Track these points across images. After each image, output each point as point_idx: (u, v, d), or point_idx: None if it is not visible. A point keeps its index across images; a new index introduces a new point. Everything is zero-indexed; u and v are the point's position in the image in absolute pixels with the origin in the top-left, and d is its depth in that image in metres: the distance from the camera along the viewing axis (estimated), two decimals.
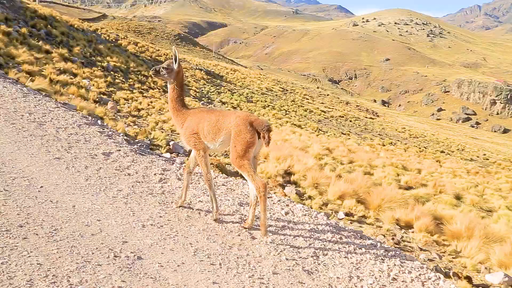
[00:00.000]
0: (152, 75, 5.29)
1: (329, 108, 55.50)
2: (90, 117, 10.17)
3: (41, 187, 5.29)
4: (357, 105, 72.96)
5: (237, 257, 4.40)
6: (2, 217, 4.39)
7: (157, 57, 45.55)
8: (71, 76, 20.94)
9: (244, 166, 4.89)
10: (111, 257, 4.01)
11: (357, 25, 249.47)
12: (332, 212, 9.91)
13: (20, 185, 5.23)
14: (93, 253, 4.01)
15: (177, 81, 5.26)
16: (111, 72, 28.78)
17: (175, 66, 5.21)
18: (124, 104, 21.58)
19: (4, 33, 21.86)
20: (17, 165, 5.83)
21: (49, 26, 30.61)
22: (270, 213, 5.72)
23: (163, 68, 5.20)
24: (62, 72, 20.85)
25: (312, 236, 5.26)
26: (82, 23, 44.73)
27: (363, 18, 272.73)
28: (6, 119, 7.76)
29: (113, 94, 23.02)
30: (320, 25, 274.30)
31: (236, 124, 4.92)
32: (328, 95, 74.38)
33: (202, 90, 38.84)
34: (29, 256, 3.79)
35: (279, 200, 6.24)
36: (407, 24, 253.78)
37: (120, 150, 7.22)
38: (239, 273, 4.11)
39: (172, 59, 5.26)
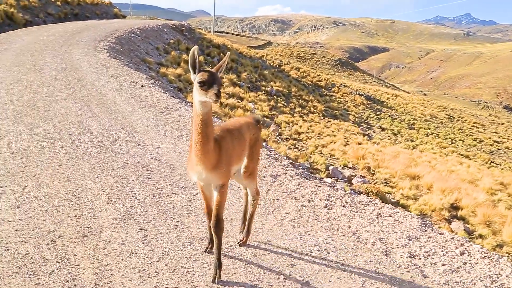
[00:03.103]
0: (217, 97, 3.35)
1: (504, 138, 49.83)
2: None
3: None
4: None
5: None
6: (186, 229, 4.86)
7: (317, 82, 46.50)
8: (238, 100, 22.56)
9: (256, 172, 4.64)
10: (281, 279, 4.12)
11: None
12: (509, 256, 8.82)
13: (200, 201, 5.73)
14: (264, 273, 4.18)
15: None
16: (274, 96, 30.19)
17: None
18: (285, 127, 22.43)
19: (185, 61, 24.67)
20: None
21: (221, 54, 33.55)
22: (443, 251, 5.30)
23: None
24: (230, 96, 22.69)
25: (493, 282, 4.71)
26: (250, 50, 48.03)
27: None
28: (187, 140, 8.64)
29: (275, 118, 24.11)
30: (496, 47, 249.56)
31: (255, 130, 4.55)
32: (503, 123, 66.94)
33: (361, 116, 38.34)
34: (209, 269, 4.10)
35: (452, 238, 5.75)
36: None
37: (286, 173, 7.46)
38: None
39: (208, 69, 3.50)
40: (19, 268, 3.86)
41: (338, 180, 13.17)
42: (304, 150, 18.11)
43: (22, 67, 13.16)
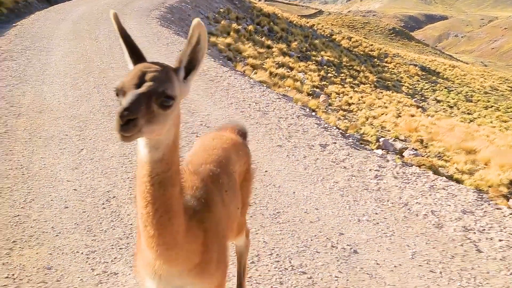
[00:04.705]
0: (121, 128, 1.48)
1: None
2: (307, 108, 10.63)
3: (266, 171, 5.75)
4: None
5: (460, 269, 4.02)
6: None
7: (369, 52, 45.16)
8: (288, 70, 22.30)
9: (246, 213, 2.93)
10: (328, 246, 4.10)
11: None
12: None
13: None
14: (311, 240, 4.17)
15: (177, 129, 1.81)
16: (324, 66, 29.63)
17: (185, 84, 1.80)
18: (335, 98, 22.04)
19: (234, 31, 24.61)
20: None
21: (271, 23, 33.13)
22: (500, 226, 5.07)
23: (162, 96, 1.57)
24: (280, 65, 22.44)
25: None
26: (300, 19, 47.17)
27: None
28: (237, 107, 8.66)
29: (325, 88, 23.72)
30: None
31: (246, 154, 2.81)
32: None
33: (415, 87, 37.01)
34: (257, 234, 4.15)
35: (511, 214, 5.49)
36: None
37: (335, 143, 7.35)
38: (462, 287, 3.76)
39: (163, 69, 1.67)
40: (77, 224, 4.06)
41: (389, 152, 12.85)
42: (354, 121, 17.78)
43: (78, 36, 13.55)
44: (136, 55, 1.79)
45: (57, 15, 16.93)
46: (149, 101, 1.52)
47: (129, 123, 1.45)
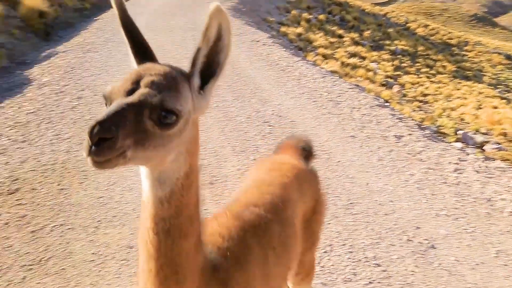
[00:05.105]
0: (89, 151, 1.04)
1: None
2: (380, 99, 10.32)
3: (338, 161, 5.66)
4: None
5: None
6: None
7: (447, 40, 42.93)
8: (360, 59, 21.75)
9: (315, 266, 2.50)
10: (403, 239, 3.97)
11: None
12: None
13: (321, 157, 5.70)
14: (386, 232, 4.06)
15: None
16: (398, 56, 28.57)
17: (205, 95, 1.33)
18: (410, 89, 21.21)
19: (305, 20, 24.37)
20: (318, 139, 6.38)
21: (343, 11, 32.42)
22: None
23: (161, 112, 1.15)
24: (352, 55, 21.94)
25: None
26: (373, 7, 45.72)
27: None
28: (308, 97, 8.59)
29: (399, 78, 22.89)
30: None
31: (312, 185, 2.34)
32: None
33: (498, 77, 34.71)
34: (329, 224, 4.10)
35: None
36: None
37: (411, 134, 7.08)
38: None
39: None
40: None
41: (468, 145, 12.18)
42: (430, 112, 17.01)
43: (154, 28, 14.05)
44: (143, 52, 1.34)
45: (134, 9, 17.64)
46: (139, 115, 1.10)
47: (103, 143, 1.04)
